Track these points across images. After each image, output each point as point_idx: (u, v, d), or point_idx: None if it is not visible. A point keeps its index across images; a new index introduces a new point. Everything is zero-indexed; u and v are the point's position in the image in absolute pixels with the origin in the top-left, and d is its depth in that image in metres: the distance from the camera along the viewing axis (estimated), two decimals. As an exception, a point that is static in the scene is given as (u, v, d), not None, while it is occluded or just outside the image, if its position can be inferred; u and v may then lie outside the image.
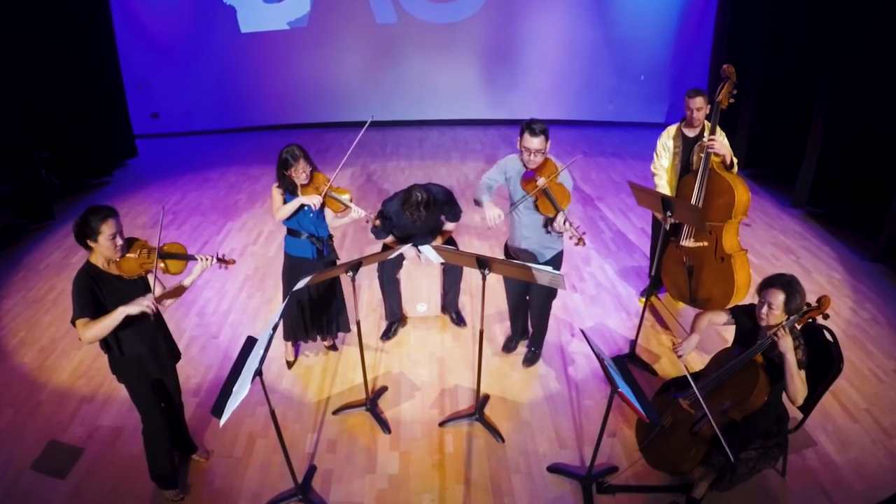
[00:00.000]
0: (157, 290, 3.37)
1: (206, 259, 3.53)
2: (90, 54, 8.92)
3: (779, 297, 3.30)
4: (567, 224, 3.89)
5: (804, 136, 7.38)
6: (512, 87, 11.52)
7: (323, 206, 4.41)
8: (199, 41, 10.95)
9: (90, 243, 3.18)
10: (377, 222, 4.58)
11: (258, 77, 11.34)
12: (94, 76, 9.02)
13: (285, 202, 4.34)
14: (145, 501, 3.80)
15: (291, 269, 4.59)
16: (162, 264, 3.36)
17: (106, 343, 3.33)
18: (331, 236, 4.66)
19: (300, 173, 4.24)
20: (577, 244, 3.84)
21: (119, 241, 3.21)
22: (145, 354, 3.46)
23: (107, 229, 3.14)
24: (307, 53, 11.20)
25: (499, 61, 11.39)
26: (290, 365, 5.00)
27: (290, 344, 4.98)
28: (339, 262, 4.68)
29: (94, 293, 3.19)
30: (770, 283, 3.37)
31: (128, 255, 3.30)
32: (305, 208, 4.36)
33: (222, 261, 3.58)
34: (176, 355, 3.79)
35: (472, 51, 11.35)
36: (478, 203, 4.37)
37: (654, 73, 11.24)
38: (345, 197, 4.39)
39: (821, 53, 7.16)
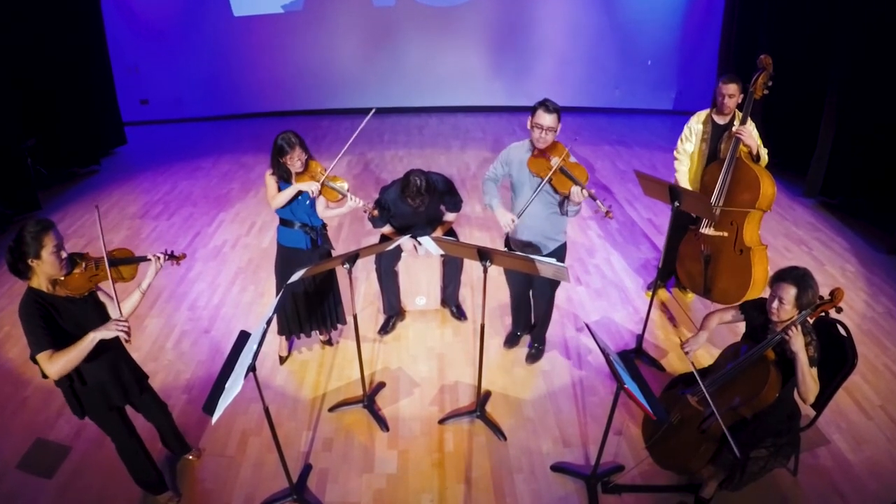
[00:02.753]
0: (113, 305, 3.25)
1: (158, 258, 3.39)
2: (77, 39, 8.86)
3: (790, 292, 3.28)
4: (587, 193, 3.89)
5: (817, 124, 7.35)
6: (514, 73, 11.48)
7: (318, 195, 4.39)
8: (191, 25, 10.89)
9: (32, 263, 2.94)
10: (375, 212, 4.54)
11: (252, 62, 11.29)
12: (82, 61, 8.97)
13: (280, 190, 4.32)
14: (134, 501, 3.79)
15: (284, 261, 4.55)
16: (114, 273, 3.20)
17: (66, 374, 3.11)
18: (325, 225, 4.63)
19: (295, 161, 4.19)
20: (604, 217, 3.84)
21: (63, 254, 2.99)
22: (108, 381, 3.33)
23: (49, 242, 2.91)
24: (302, 38, 11.15)
25: (500, 46, 11.34)
26: (282, 360, 4.99)
27: (283, 338, 4.97)
28: (334, 253, 4.66)
29: (46, 319, 2.97)
30: (781, 276, 3.34)
31: (74, 271, 3.10)
32: (301, 196, 4.33)
33: (172, 257, 3.50)
34: (142, 380, 3.64)
35: (472, 35, 11.30)
36: (490, 208, 4.38)
37: (662, 59, 11.18)
38: (342, 186, 4.36)
39: (834, 38, 7.11)
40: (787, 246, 6.59)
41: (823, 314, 3.36)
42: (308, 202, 4.38)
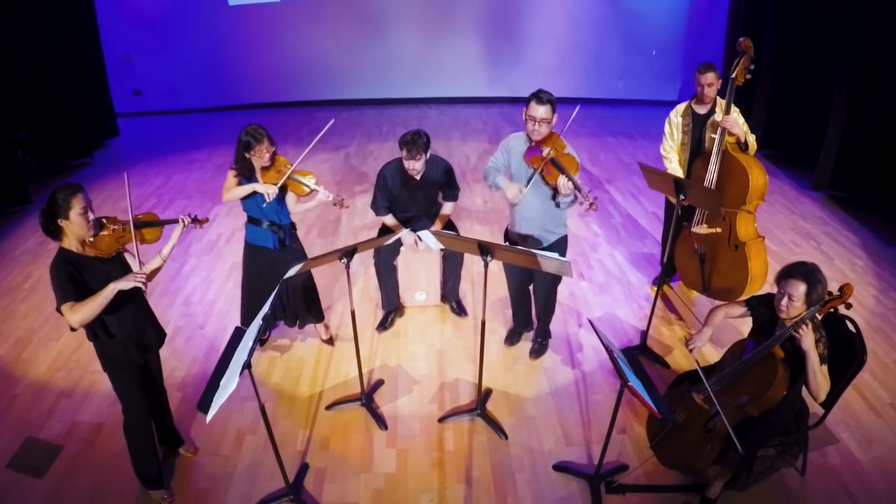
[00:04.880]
0: (137, 265, 3.45)
1: (182, 221, 3.61)
2: (69, 28, 8.83)
3: (800, 289, 3.26)
4: (570, 182, 3.88)
5: (826, 115, 7.31)
6: (516, 63, 11.44)
7: (285, 191, 4.41)
8: (185, 14, 10.85)
9: (61, 223, 3.16)
10: (347, 205, 4.56)
11: (247, 52, 11.25)
12: (74, 51, 8.94)
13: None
14: (127, 502, 3.77)
15: (251, 259, 4.63)
16: (138, 235, 3.42)
17: (92, 331, 3.34)
18: (293, 225, 4.66)
19: (263, 154, 4.24)
20: (588, 209, 3.82)
21: (92, 216, 3.22)
22: (131, 337, 3.47)
23: (77, 204, 3.13)
24: (299, 27, 11.10)
25: (502, 35, 11.30)
26: (261, 343, 4.99)
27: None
28: (309, 252, 4.65)
29: (73, 276, 3.20)
30: (790, 273, 3.33)
31: (101, 232, 3.32)
32: (257, 196, 4.33)
33: (196, 220, 3.70)
34: (161, 336, 3.77)
35: (473, 24, 11.26)
36: (495, 187, 4.39)
37: (667, 48, 11.15)
38: (309, 179, 4.40)
39: (844, 26, 7.07)
40: (795, 240, 6.57)
41: (832, 310, 3.35)
42: (273, 201, 4.37)
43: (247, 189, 4.30)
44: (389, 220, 5.04)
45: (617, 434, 4.11)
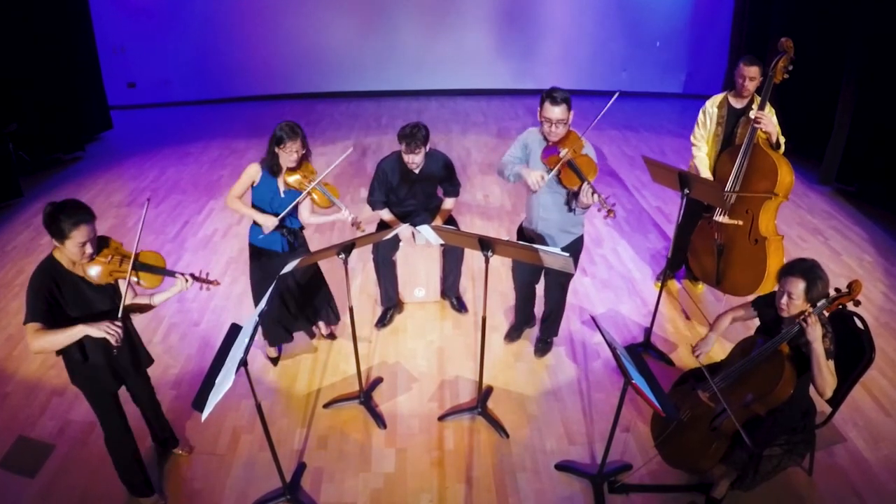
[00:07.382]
0: (128, 300, 3.30)
1: (186, 279, 3.34)
2: (61, 19, 8.76)
3: (799, 286, 3.25)
4: (595, 195, 3.82)
5: (833, 107, 7.29)
6: (516, 55, 11.40)
7: (302, 196, 4.31)
8: (180, 4, 10.80)
9: (56, 243, 3.02)
10: (364, 227, 4.41)
11: (243, 43, 11.20)
12: (66, 42, 8.88)
13: (254, 185, 4.26)
14: (120, 501, 3.76)
15: (258, 262, 4.48)
16: (135, 277, 3.21)
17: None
18: (302, 228, 4.56)
19: (291, 153, 4.10)
20: (606, 216, 3.75)
21: (89, 250, 3.04)
22: (103, 365, 3.35)
23: (78, 236, 2.97)
24: (296, 17, 11.06)
25: (502, 26, 11.27)
26: (274, 362, 4.91)
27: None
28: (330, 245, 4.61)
29: (51, 294, 3.05)
30: (789, 270, 3.32)
31: (97, 258, 3.13)
32: (286, 196, 4.25)
33: (203, 280, 3.41)
34: (142, 364, 3.68)
35: (474, 15, 11.22)
36: (515, 178, 4.22)
37: (671, 40, 11.12)
38: (334, 195, 4.29)
39: (851, 18, 7.05)
40: (802, 235, 6.55)
41: (840, 307, 3.34)
42: (291, 203, 4.26)
43: (247, 213, 4.29)
44: (386, 214, 5.02)
45: (620, 433, 4.11)
